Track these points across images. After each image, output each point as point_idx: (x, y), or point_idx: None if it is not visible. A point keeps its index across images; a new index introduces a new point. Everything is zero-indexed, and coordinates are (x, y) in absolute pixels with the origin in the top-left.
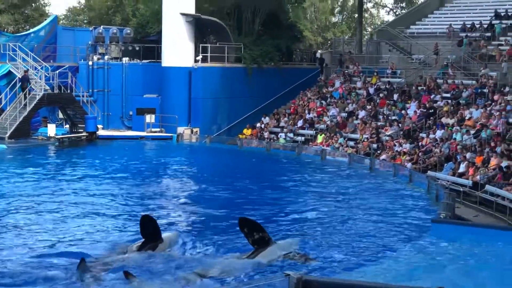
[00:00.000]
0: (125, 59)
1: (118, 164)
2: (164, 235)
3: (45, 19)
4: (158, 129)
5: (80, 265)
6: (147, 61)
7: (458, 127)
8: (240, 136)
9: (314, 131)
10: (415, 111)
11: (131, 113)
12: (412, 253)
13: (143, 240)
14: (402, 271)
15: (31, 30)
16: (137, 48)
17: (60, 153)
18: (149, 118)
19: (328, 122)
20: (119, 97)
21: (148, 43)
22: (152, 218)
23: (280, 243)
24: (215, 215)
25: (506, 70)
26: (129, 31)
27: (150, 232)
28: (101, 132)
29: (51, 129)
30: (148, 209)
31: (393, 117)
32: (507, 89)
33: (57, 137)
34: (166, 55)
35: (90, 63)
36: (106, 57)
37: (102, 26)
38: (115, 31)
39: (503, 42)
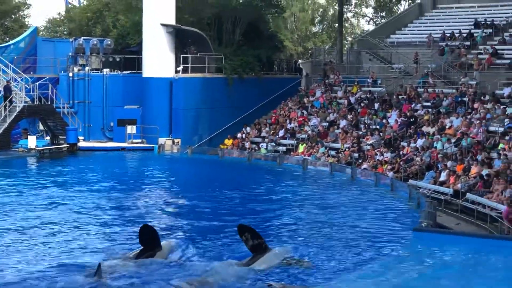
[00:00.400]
0: (106, 70)
1: (99, 176)
2: (163, 242)
3: (25, 31)
4: (139, 140)
5: (97, 271)
6: (128, 72)
7: (438, 136)
8: (221, 146)
9: (296, 141)
10: (396, 120)
11: (112, 124)
12: (394, 262)
13: (141, 248)
14: (384, 280)
15: (11, 42)
16: (117, 59)
17: (41, 165)
18: (130, 129)
19: (310, 132)
20: (100, 108)
21: (128, 54)
22: (151, 227)
23: (276, 249)
24: (198, 225)
25: (478, 79)
26: (109, 42)
27: (148, 240)
28: (82, 144)
29: (32, 141)
30: (129, 220)
31: (374, 126)
32: (486, 97)
33: (37, 149)
34: (147, 66)
35: (71, 74)
36: (86, 68)
37: (82, 37)
38: (95, 42)
39: (482, 51)
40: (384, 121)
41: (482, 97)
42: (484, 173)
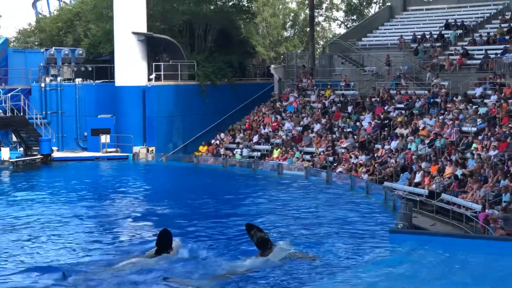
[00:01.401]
0: (78, 80)
1: (74, 186)
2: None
3: None
4: (113, 149)
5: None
6: (100, 81)
7: (412, 137)
8: (196, 153)
9: (270, 146)
10: (369, 123)
11: (85, 134)
12: (371, 264)
13: (155, 248)
14: (361, 282)
15: None
16: (89, 69)
17: (15, 176)
18: (104, 139)
19: (284, 137)
20: (73, 118)
21: (100, 63)
22: (169, 231)
23: (279, 244)
24: (176, 232)
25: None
26: (81, 51)
27: (165, 242)
28: (56, 154)
29: (5, 153)
30: (107, 229)
31: (348, 129)
32: (459, 97)
33: (11, 160)
34: (119, 74)
35: (43, 85)
36: (58, 78)
37: (53, 48)
38: (67, 52)
39: (453, 52)
40: (358, 124)
41: (454, 98)
42: (458, 173)
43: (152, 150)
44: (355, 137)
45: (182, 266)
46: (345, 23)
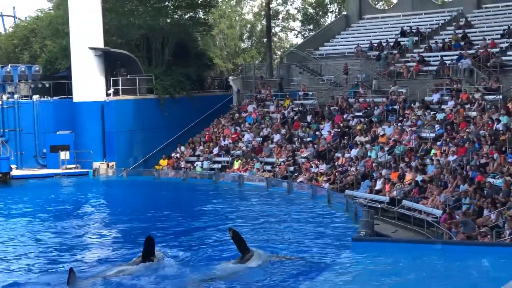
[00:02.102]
0: (36, 97)
1: (34, 204)
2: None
3: None
4: (73, 166)
5: (69, 278)
6: (58, 97)
7: (370, 145)
8: (157, 167)
9: (231, 158)
10: (329, 132)
11: (44, 151)
12: (334, 273)
13: (140, 256)
14: None
15: None
16: (47, 85)
17: None
18: (64, 155)
19: (244, 148)
20: (31, 135)
21: (58, 79)
22: (153, 238)
23: (256, 249)
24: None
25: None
26: (37, 68)
27: (149, 249)
28: (15, 172)
29: None
30: (69, 246)
31: (308, 139)
32: (417, 104)
33: None
34: (77, 90)
35: (0, 102)
36: (15, 95)
37: (9, 65)
38: (23, 69)
39: (409, 59)
40: (317, 133)
41: (412, 104)
42: (418, 179)
43: (113, 165)
44: (315, 146)
45: (171, 271)
46: (302, 33)
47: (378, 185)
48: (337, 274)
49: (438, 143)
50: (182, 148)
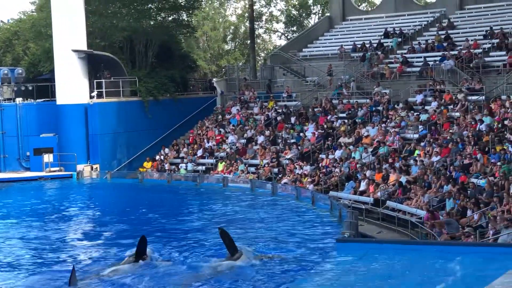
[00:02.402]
0: (19, 100)
1: (18, 207)
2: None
3: None
4: (57, 168)
5: (71, 278)
6: (42, 100)
7: (353, 147)
8: (141, 169)
9: (215, 160)
10: (313, 133)
11: (28, 153)
12: (319, 274)
13: (132, 255)
14: None
15: None
16: (30, 88)
17: None
18: (47, 158)
19: (228, 150)
20: (15, 138)
21: (41, 82)
22: (145, 238)
23: (244, 248)
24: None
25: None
26: (20, 71)
27: (142, 248)
28: None
29: None
30: (56, 249)
31: (292, 140)
32: (400, 105)
33: None
34: (61, 93)
35: None
36: None
37: None
38: (6, 71)
39: (392, 60)
40: (301, 134)
41: (395, 105)
42: (402, 180)
43: (97, 167)
44: (299, 148)
45: (163, 270)
46: (285, 35)
47: (362, 186)
48: (322, 275)
49: (422, 144)
50: (166, 150)
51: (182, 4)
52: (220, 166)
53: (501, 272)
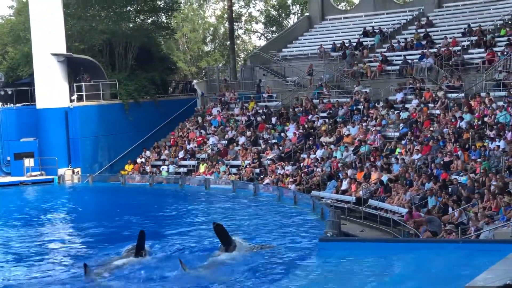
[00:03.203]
0: None
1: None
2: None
3: None
4: (38, 173)
5: (85, 271)
6: (21, 104)
7: (335, 146)
8: (122, 172)
9: (196, 161)
10: (294, 133)
11: (8, 158)
12: (302, 274)
13: (131, 249)
14: None
15: None
16: (9, 92)
17: None
18: (28, 162)
19: (209, 151)
20: None
21: (20, 86)
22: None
23: (237, 239)
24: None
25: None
26: None
27: (141, 244)
28: None
29: None
30: (36, 253)
31: (273, 141)
32: (381, 104)
33: None
34: (40, 97)
35: None
36: None
37: None
38: None
39: (372, 59)
40: (282, 134)
41: (376, 104)
42: (384, 178)
43: (78, 171)
44: (281, 148)
45: (165, 264)
46: (265, 35)
47: (344, 185)
48: (304, 275)
49: (403, 142)
50: (148, 152)
51: (161, 6)
52: (202, 168)
53: (483, 268)
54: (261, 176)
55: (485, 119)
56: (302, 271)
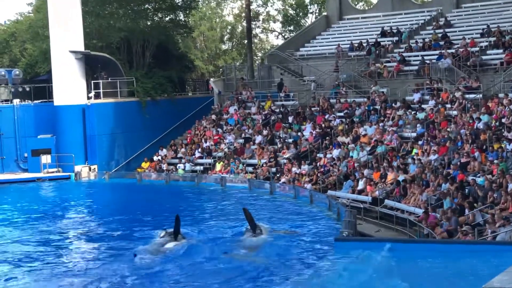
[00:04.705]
0: (16, 101)
1: (17, 208)
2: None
3: None
4: (55, 169)
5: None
6: (39, 101)
7: (353, 145)
8: (139, 170)
9: (213, 160)
10: (311, 132)
11: (26, 155)
12: (318, 273)
13: (166, 234)
14: None
15: None
16: (27, 89)
17: None
18: (45, 159)
19: (226, 150)
20: (12, 139)
21: (38, 83)
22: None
23: (260, 224)
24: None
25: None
26: (18, 72)
27: (178, 228)
28: None
29: None
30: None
31: (290, 140)
32: (398, 104)
33: None
34: (58, 94)
35: None
36: None
37: None
38: (3, 73)
39: (390, 59)
40: (299, 134)
41: (393, 104)
42: (400, 179)
43: (94, 168)
44: (297, 147)
45: (207, 244)
46: (283, 34)
47: (360, 185)
48: (320, 274)
49: (420, 142)
50: (164, 150)
51: (179, 4)
52: (218, 166)
53: (499, 269)
54: (277, 175)
55: (503, 120)
56: (317, 271)
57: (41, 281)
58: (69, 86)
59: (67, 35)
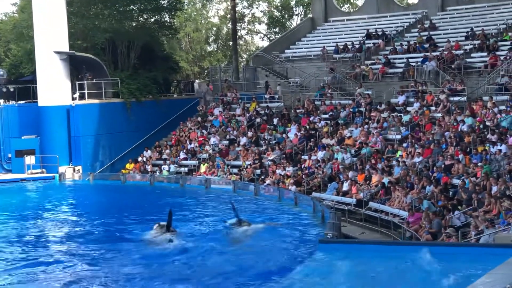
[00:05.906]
0: (0, 101)
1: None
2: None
3: None
4: (39, 170)
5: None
6: (23, 101)
7: (338, 147)
8: (123, 171)
9: (197, 161)
10: (295, 134)
11: (10, 155)
12: (302, 275)
13: (159, 227)
14: None
15: None
16: (11, 89)
17: None
18: (29, 160)
19: (210, 151)
20: None
21: (23, 83)
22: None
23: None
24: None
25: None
26: (1, 72)
27: (170, 221)
28: None
29: None
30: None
31: (275, 142)
32: (383, 106)
33: None
34: (42, 94)
35: None
36: None
37: None
38: None
39: (374, 61)
40: (284, 136)
41: (378, 106)
42: (385, 181)
43: (79, 169)
44: (282, 149)
45: (196, 237)
46: (268, 36)
47: (345, 187)
48: (305, 276)
49: (404, 144)
50: (149, 152)
51: (164, 5)
52: (203, 168)
53: (482, 272)
54: (262, 177)
55: (487, 123)
56: (301, 272)
57: (23, 282)
58: (54, 87)
59: (51, 35)
